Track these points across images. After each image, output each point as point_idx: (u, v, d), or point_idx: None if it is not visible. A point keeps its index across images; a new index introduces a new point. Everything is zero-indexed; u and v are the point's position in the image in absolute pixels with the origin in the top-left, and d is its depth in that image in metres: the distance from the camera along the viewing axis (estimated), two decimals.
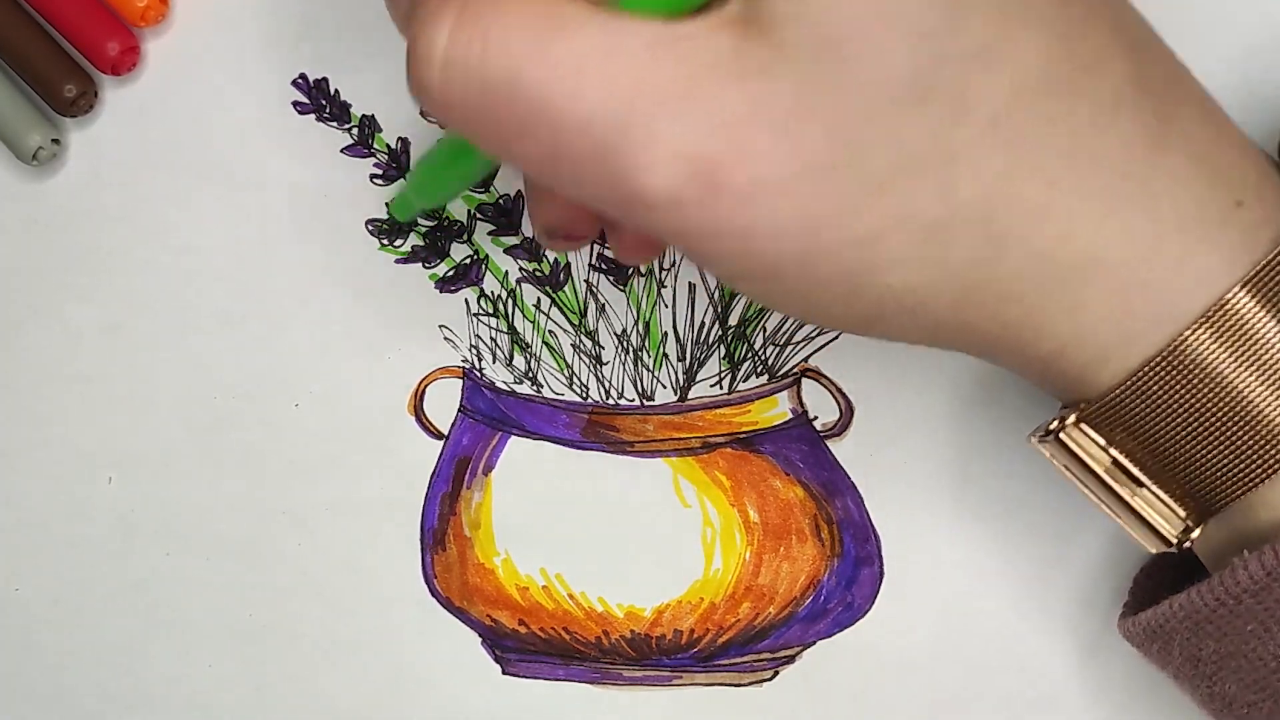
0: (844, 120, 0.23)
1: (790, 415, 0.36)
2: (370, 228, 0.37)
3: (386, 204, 0.36)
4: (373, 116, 0.37)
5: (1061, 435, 0.27)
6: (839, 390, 0.36)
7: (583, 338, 0.37)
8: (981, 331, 0.26)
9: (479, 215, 0.37)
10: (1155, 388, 0.26)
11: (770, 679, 0.37)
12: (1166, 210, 0.25)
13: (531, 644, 0.37)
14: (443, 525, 0.37)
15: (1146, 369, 0.26)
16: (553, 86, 0.23)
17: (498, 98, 0.24)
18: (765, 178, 0.23)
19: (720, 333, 0.36)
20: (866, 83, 0.23)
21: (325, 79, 0.37)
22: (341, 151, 0.37)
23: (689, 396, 0.36)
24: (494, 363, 0.37)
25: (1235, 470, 0.26)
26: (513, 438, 0.37)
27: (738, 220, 0.24)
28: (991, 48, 0.23)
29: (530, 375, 0.37)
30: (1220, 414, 0.26)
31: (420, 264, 0.37)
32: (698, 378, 0.36)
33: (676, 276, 0.36)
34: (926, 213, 0.24)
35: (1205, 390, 0.26)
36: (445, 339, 0.37)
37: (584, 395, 0.37)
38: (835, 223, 0.24)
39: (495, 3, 0.24)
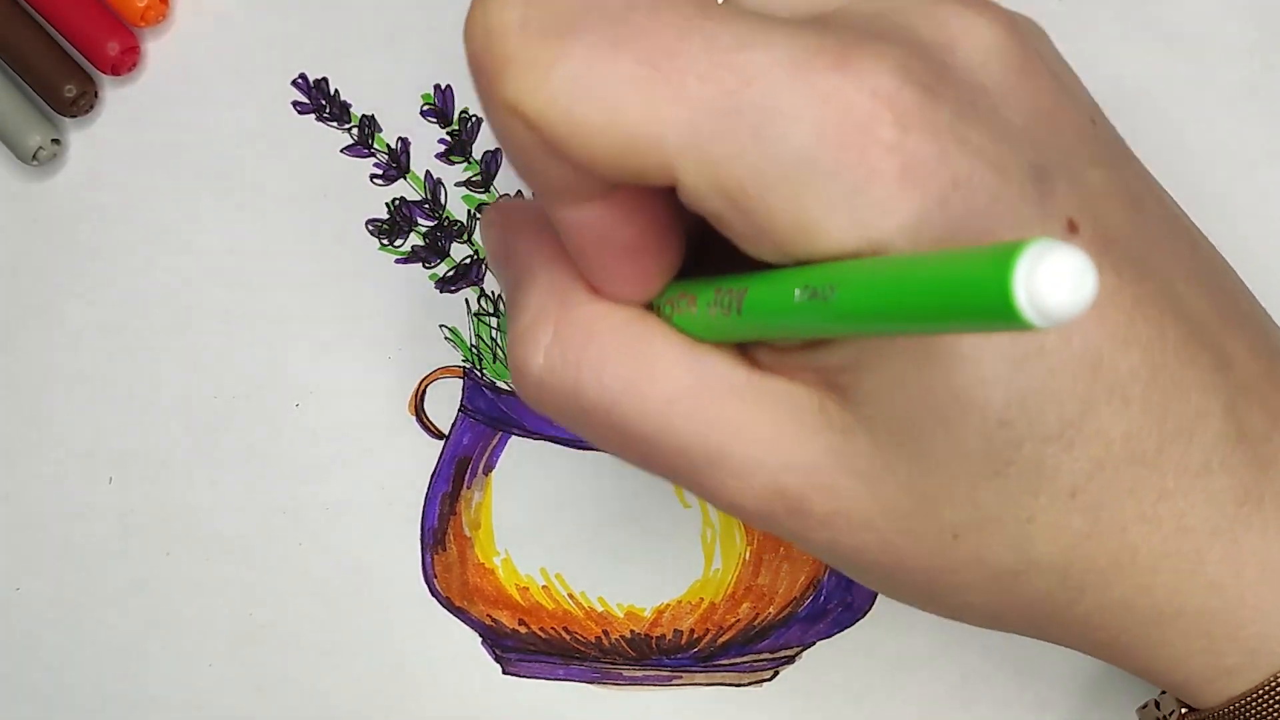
0: (920, 482, 0.23)
1: None
2: (370, 228, 0.37)
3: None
4: (373, 116, 0.37)
5: None
6: None
7: None
8: (1065, 643, 0.27)
9: (479, 215, 0.37)
10: (1261, 712, 0.26)
11: (770, 679, 0.37)
12: (1253, 566, 0.25)
13: (531, 644, 0.37)
14: (443, 525, 0.37)
15: (1246, 701, 0.26)
16: (645, 420, 0.24)
17: (592, 418, 0.24)
18: (847, 512, 0.24)
19: None
20: (941, 459, 0.23)
21: (325, 79, 0.37)
22: (341, 151, 0.37)
23: None
24: (494, 362, 0.37)
25: None
26: (513, 437, 0.37)
27: (823, 535, 0.24)
28: (1072, 428, 0.23)
29: None
30: None
31: (420, 264, 0.37)
32: None
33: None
34: (1002, 562, 0.24)
35: None
36: (445, 339, 0.37)
37: None
38: (912, 554, 0.24)
39: (587, 335, 0.24)
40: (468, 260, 0.37)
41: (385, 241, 0.37)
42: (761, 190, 0.21)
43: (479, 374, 0.37)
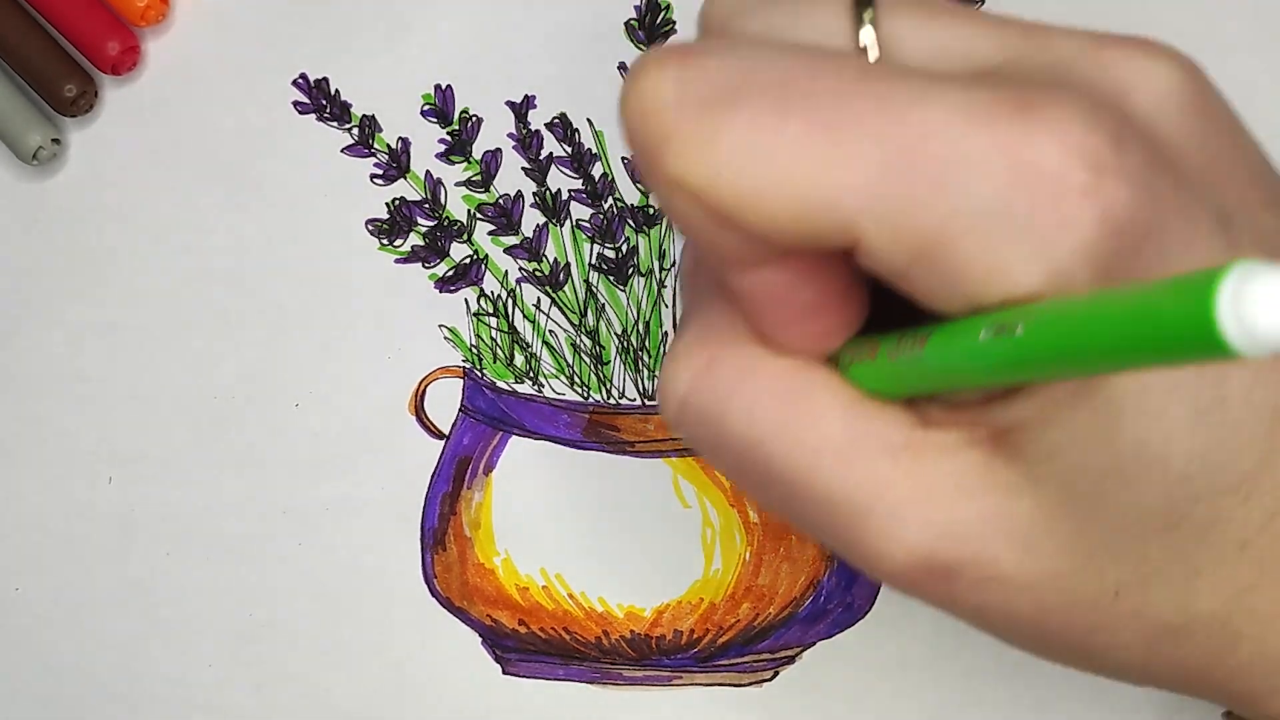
0: (1085, 541, 0.23)
1: None
2: (370, 228, 0.37)
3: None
4: (373, 116, 0.37)
5: None
6: None
7: (583, 338, 0.37)
8: (1208, 697, 0.26)
9: (479, 215, 0.37)
10: None
11: (770, 679, 0.37)
12: None
13: (531, 644, 0.37)
14: (443, 525, 0.37)
15: None
16: (791, 464, 0.23)
17: (729, 450, 0.24)
18: (1001, 577, 0.23)
19: None
20: (1114, 517, 0.23)
21: (325, 79, 0.37)
22: (341, 151, 0.37)
23: None
24: (494, 362, 0.37)
25: None
26: (513, 438, 0.37)
27: (972, 601, 0.24)
28: (1249, 481, 0.23)
29: (531, 375, 0.37)
30: None
31: (420, 264, 0.37)
32: None
33: (677, 277, 0.36)
34: (1162, 617, 0.24)
35: None
36: (445, 339, 0.37)
37: (585, 395, 0.37)
38: (1068, 614, 0.24)
39: (747, 370, 0.24)
40: (467, 260, 0.37)
41: (385, 241, 0.37)
42: (949, 242, 0.21)
43: (479, 374, 0.37)
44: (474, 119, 0.37)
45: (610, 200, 0.36)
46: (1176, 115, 0.23)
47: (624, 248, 0.36)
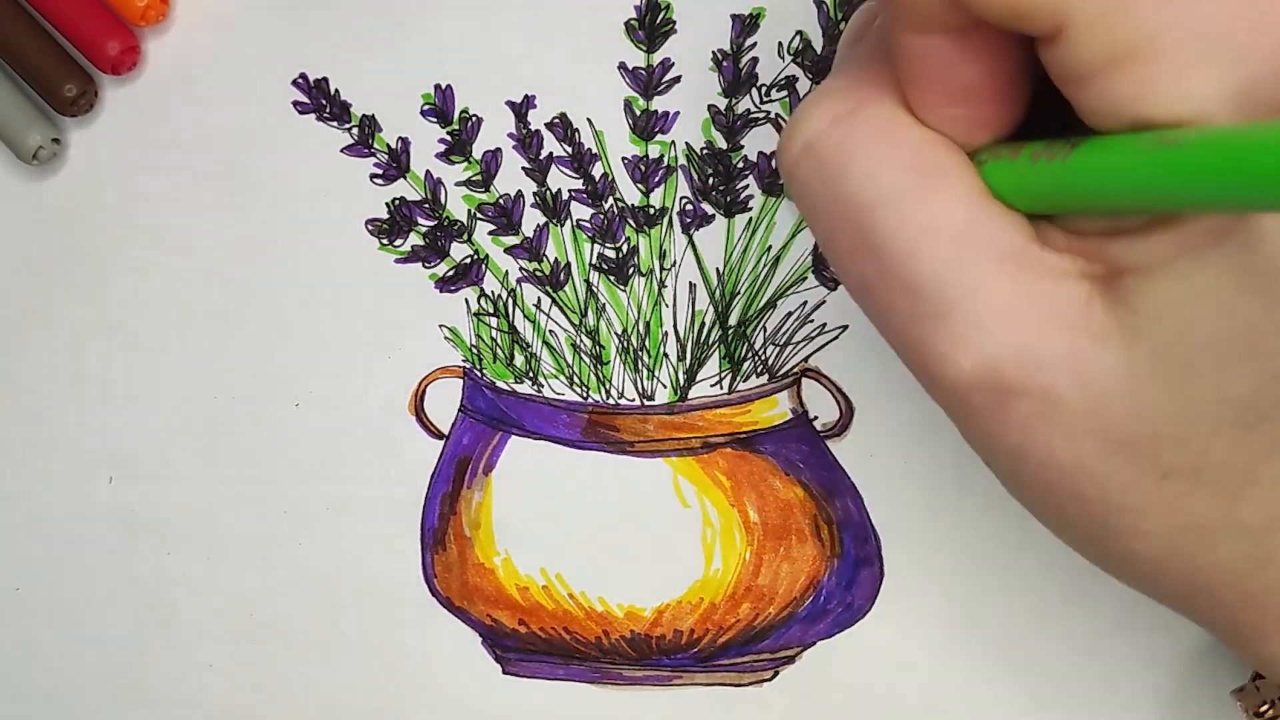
0: (1157, 413, 0.22)
1: (790, 415, 0.36)
2: (370, 228, 0.37)
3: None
4: (373, 116, 0.37)
5: None
6: (839, 390, 0.36)
7: (583, 338, 0.37)
8: (1202, 613, 0.26)
9: (479, 215, 0.37)
10: None
11: (770, 679, 0.37)
12: None
13: (531, 644, 0.37)
14: (443, 525, 0.37)
15: None
16: (897, 234, 0.23)
17: (838, 206, 0.23)
18: (1053, 421, 0.23)
19: (720, 333, 0.36)
20: (1197, 396, 0.22)
21: (325, 79, 0.37)
22: (341, 151, 0.37)
23: (689, 396, 0.36)
24: (494, 362, 0.37)
25: None
26: (513, 437, 0.37)
27: (1011, 439, 0.23)
28: None
29: (530, 375, 0.37)
30: None
31: (420, 264, 0.37)
32: (698, 378, 0.36)
33: (676, 276, 0.36)
34: (1201, 516, 0.23)
35: None
36: (445, 339, 0.37)
37: (584, 395, 0.37)
38: (1102, 484, 0.23)
39: (886, 128, 0.23)
40: (467, 260, 0.37)
41: (385, 241, 0.37)
42: (1156, 52, 0.20)
43: (479, 374, 0.37)
44: (474, 119, 0.37)
45: (610, 200, 0.36)
46: None
47: (624, 248, 0.36)
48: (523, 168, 0.37)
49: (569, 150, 0.37)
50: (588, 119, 0.36)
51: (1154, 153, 0.19)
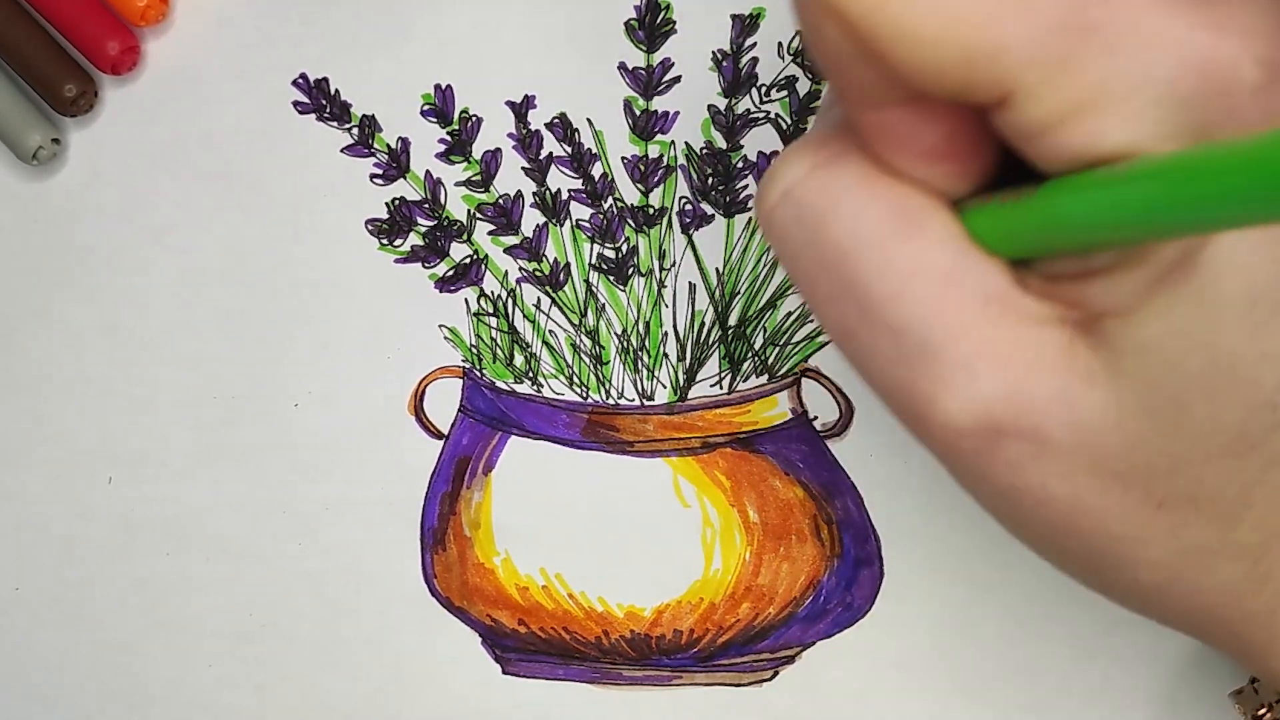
0: (1147, 446, 0.22)
1: (790, 415, 0.36)
2: (370, 228, 0.37)
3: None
4: (373, 116, 0.37)
5: None
6: (839, 390, 0.36)
7: (583, 338, 0.37)
8: (1207, 633, 0.26)
9: (479, 215, 0.37)
10: None
11: (770, 679, 0.37)
12: None
13: (531, 644, 0.37)
14: (443, 525, 0.37)
15: None
16: (880, 278, 0.23)
17: (818, 251, 0.23)
18: (1046, 460, 0.23)
19: (720, 333, 0.36)
20: (1185, 429, 0.22)
21: (325, 79, 0.37)
22: (341, 151, 0.37)
23: (689, 396, 0.36)
24: (494, 362, 0.37)
25: None
26: (513, 438, 0.37)
27: (1004, 480, 0.23)
28: None
29: (530, 375, 0.37)
30: None
31: (420, 264, 0.37)
32: (698, 378, 0.36)
33: (676, 276, 0.36)
34: (1199, 539, 0.24)
35: None
36: (445, 339, 0.37)
37: (584, 395, 0.37)
38: (1100, 517, 0.23)
39: (862, 176, 0.23)
40: (467, 260, 0.37)
41: (385, 241, 0.37)
42: (1105, 106, 0.20)
43: (479, 374, 0.37)
44: (474, 119, 0.37)
45: (610, 200, 0.36)
46: None
47: (624, 248, 0.36)
48: (522, 168, 0.37)
49: (569, 150, 0.37)
50: (587, 119, 0.36)
51: (1112, 179, 0.20)
